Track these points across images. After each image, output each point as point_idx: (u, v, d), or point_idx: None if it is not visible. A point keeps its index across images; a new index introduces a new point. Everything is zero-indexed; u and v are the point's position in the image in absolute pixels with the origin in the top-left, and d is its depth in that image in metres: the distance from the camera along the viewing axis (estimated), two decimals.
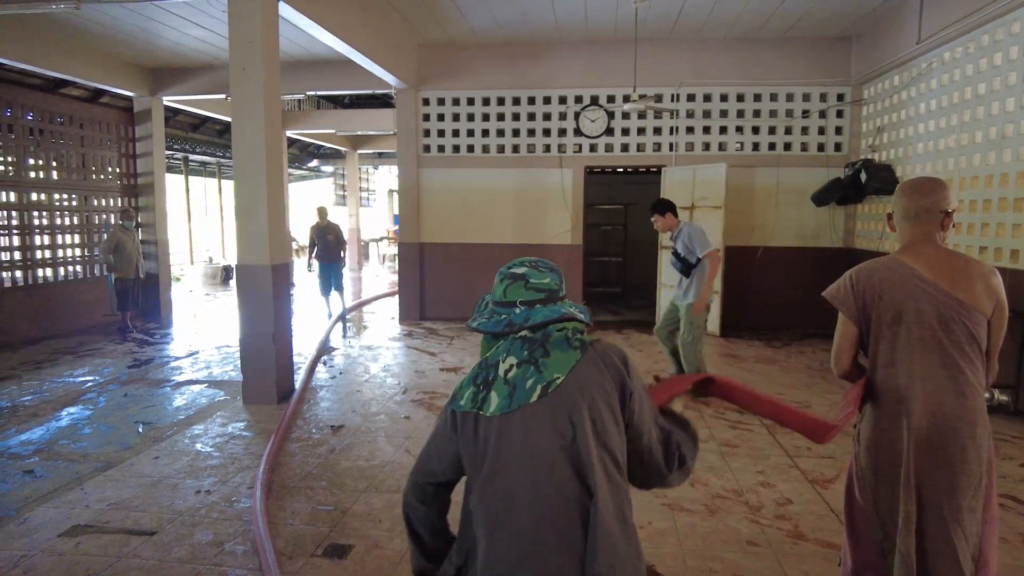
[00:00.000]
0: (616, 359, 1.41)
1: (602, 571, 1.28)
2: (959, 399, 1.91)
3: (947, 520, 1.89)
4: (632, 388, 1.39)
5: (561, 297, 1.47)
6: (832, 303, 2.10)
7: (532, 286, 1.44)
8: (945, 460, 1.90)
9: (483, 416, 1.38)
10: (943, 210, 2.00)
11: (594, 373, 1.36)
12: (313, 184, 21.80)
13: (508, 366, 1.39)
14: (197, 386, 5.90)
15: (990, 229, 5.65)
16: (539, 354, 1.38)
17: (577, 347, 1.39)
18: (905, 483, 1.91)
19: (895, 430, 1.95)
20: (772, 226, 8.51)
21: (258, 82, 5.08)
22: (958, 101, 6.18)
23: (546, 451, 1.33)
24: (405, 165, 9.03)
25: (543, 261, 1.51)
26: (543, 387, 1.34)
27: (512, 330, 1.42)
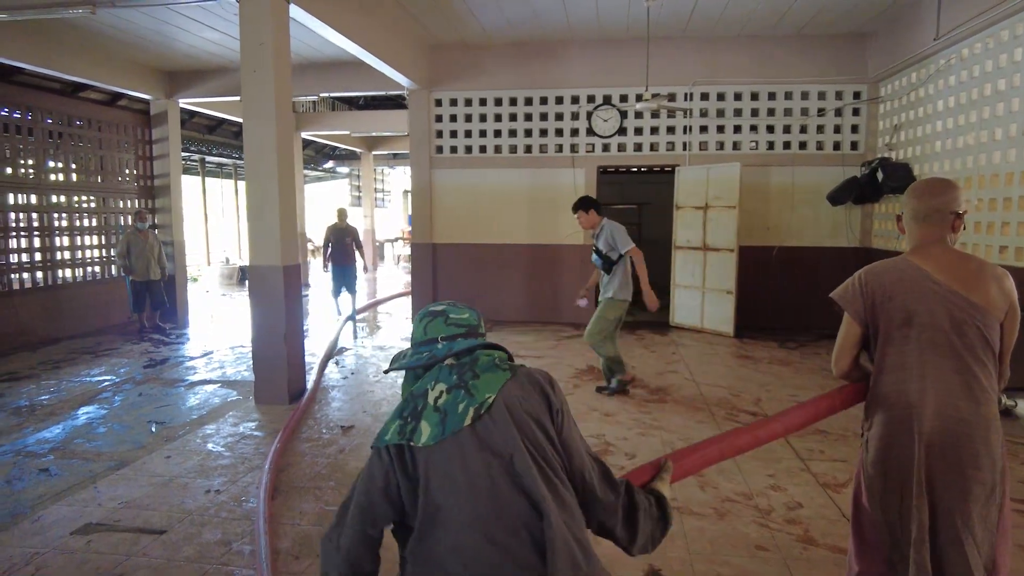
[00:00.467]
0: (541, 378, 1.43)
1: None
2: (972, 404, 1.85)
3: (959, 528, 1.84)
4: (558, 405, 1.40)
5: (481, 334, 1.50)
6: (839, 303, 2.06)
7: (452, 321, 1.47)
8: (957, 467, 1.85)
9: (414, 447, 1.32)
10: (953, 211, 1.96)
11: (523, 391, 1.38)
12: (329, 185, 21.93)
13: (438, 393, 1.37)
14: (210, 386, 5.96)
15: (1010, 228, 5.54)
16: (469, 377, 1.38)
17: (505, 368, 1.41)
18: (918, 491, 1.86)
19: (906, 437, 1.89)
20: (787, 226, 8.42)
21: (269, 83, 5.11)
22: (976, 98, 6.07)
23: (487, 475, 1.29)
24: (418, 166, 9.06)
25: (459, 303, 1.54)
26: (475, 409, 1.32)
27: (436, 361, 1.42)
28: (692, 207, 8.31)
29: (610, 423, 4.76)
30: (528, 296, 9.05)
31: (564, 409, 1.42)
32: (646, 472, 1.68)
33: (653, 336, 8.08)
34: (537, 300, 9.04)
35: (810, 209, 8.34)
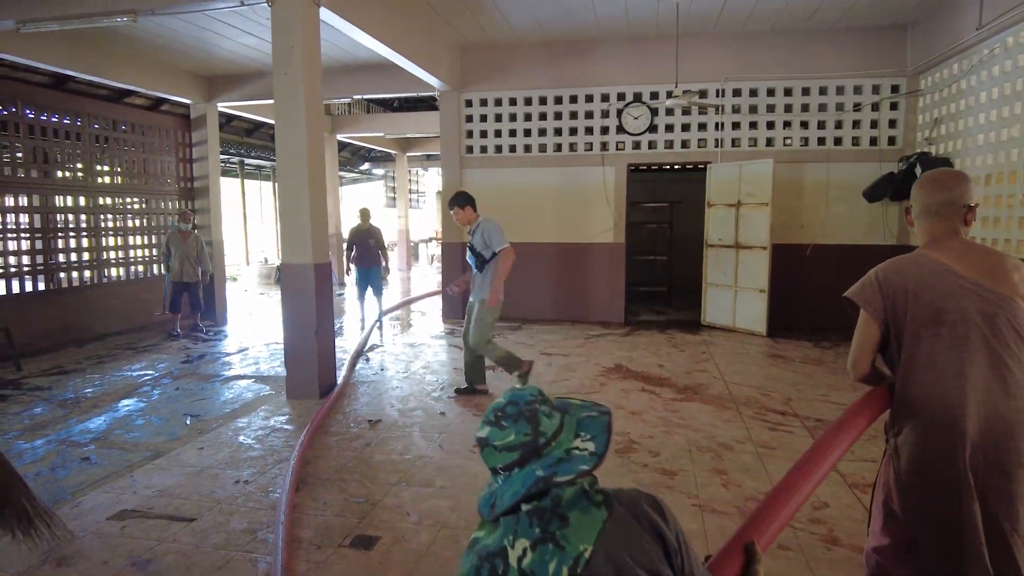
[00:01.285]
0: (649, 510, 1.14)
1: None
2: (1009, 400, 1.78)
3: (1007, 533, 1.77)
4: (675, 544, 1.12)
5: (544, 444, 1.13)
6: (856, 302, 1.98)
7: (501, 447, 1.14)
8: (1001, 468, 1.77)
9: None
10: (966, 204, 1.91)
11: (629, 534, 1.09)
12: (365, 187, 22.25)
13: (520, 552, 1.08)
14: (244, 381, 6.12)
15: None
16: (555, 526, 1.08)
17: (600, 502, 1.11)
18: (968, 497, 1.77)
19: (948, 441, 1.80)
20: (822, 223, 8.24)
21: (299, 85, 5.23)
22: (1021, 88, 5.85)
23: None
24: (448, 166, 9.14)
25: (511, 404, 1.17)
26: (570, 568, 1.04)
27: (495, 516, 1.13)
28: (724, 204, 8.20)
29: (636, 421, 4.73)
30: (557, 295, 9.05)
31: (684, 547, 1.13)
32: (734, 561, 1.33)
33: (684, 335, 8.00)
34: (566, 299, 9.03)
35: (845, 206, 8.15)
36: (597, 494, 1.12)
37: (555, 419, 1.16)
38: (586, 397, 5.31)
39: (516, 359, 5.29)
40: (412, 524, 3.23)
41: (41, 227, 7.90)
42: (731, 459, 3.96)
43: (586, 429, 1.17)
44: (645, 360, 6.64)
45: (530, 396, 1.18)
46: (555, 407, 1.19)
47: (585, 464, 1.10)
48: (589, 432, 1.16)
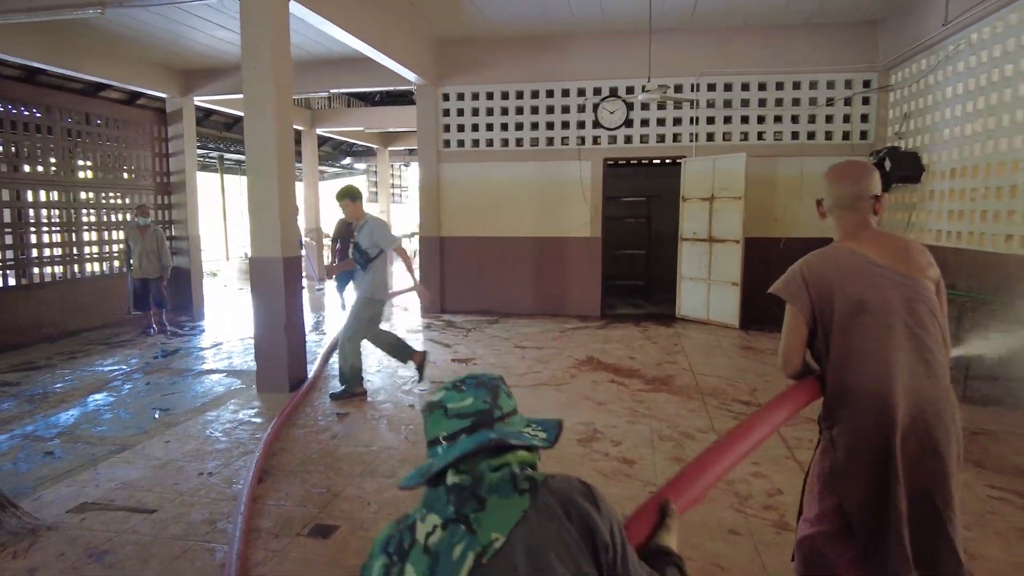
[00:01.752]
0: (581, 499, 1.05)
1: None
2: (933, 381, 1.85)
3: (940, 509, 1.83)
4: (607, 540, 1.03)
5: (499, 418, 1.11)
6: (783, 298, 2.00)
7: (453, 412, 1.10)
8: (933, 449, 1.83)
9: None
10: (873, 195, 1.98)
11: (550, 527, 1.00)
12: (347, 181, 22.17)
13: (430, 527, 1.04)
14: (216, 375, 6.11)
15: (1016, 216, 5.43)
16: (470, 508, 1.02)
17: (525, 489, 1.03)
18: (895, 480, 1.82)
19: (879, 428, 1.84)
20: (795, 217, 8.34)
21: (268, 79, 5.22)
22: (985, 84, 5.95)
23: None
24: (426, 160, 9.15)
25: (471, 377, 1.16)
26: (476, 556, 0.98)
27: (431, 475, 1.08)
28: (698, 199, 8.27)
29: (602, 411, 4.79)
30: (535, 288, 9.09)
31: (618, 541, 1.05)
32: (649, 518, 1.35)
33: (658, 328, 8.07)
34: (544, 292, 9.07)
35: None
36: (524, 481, 1.05)
37: (512, 401, 1.16)
38: (556, 388, 5.37)
39: (360, 378, 5.28)
40: (371, 513, 3.27)
41: (12, 222, 7.82)
42: (692, 448, 4.02)
43: (537, 424, 1.17)
44: (617, 352, 6.70)
45: (493, 376, 1.18)
46: (511, 395, 1.19)
47: (537, 441, 1.10)
48: (541, 427, 1.16)
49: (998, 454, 3.93)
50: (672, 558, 1.24)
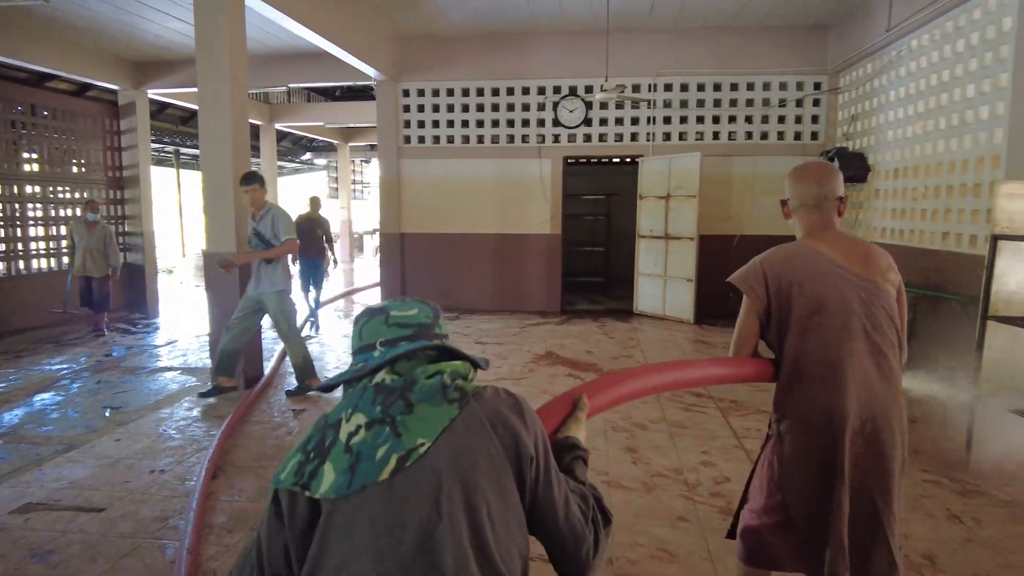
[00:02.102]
0: (508, 412, 1.06)
1: None
2: (886, 384, 1.87)
3: (880, 509, 1.85)
4: (532, 453, 1.04)
5: (438, 335, 1.13)
6: (740, 289, 1.99)
7: (395, 320, 1.09)
8: (878, 451, 1.85)
9: (310, 498, 0.99)
10: (838, 196, 1.98)
11: (476, 438, 1.01)
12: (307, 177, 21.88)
13: (353, 427, 1.01)
14: (171, 373, 6.00)
15: (951, 215, 5.69)
16: (398, 409, 1.01)
17: (455, 399, 1.04)
18: (839, 479, 1.83)
19: (827, 427, 1.85)
20: (748, 215, 8.56)
21: (223, 73, 5.15)
22: (924, 88, 6.21)
23: (401, 552, 0.95)
24: (386, 156, 9.12)
25: (413, 297, 1.18)
26: (400, 458, 0.97)
27: (364, 373, 1.07)
28: (655, 197, 8.42)
29: None
30: (496, 284, 9.14)
31: (541, 454, 1.06)
32: (561, 408, 1.40)
33: (616, 323, 8.21)
34: (504, 289, 9.13)
35: (771, 198, 8.47)
36: (455, 391, 1.05)
37: (447, 330, 1.18)
38: (515, 383, 5.43)
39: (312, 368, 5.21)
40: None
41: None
42: (644, 438, 4.12)
43: None
44: (576, 347, 6.80)
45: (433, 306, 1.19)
46: None
47: (477, 359, 1.14)
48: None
49: (932, 441, 4.13)
50: (578, 451, 1.27)
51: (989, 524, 3.08)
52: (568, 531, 1.07)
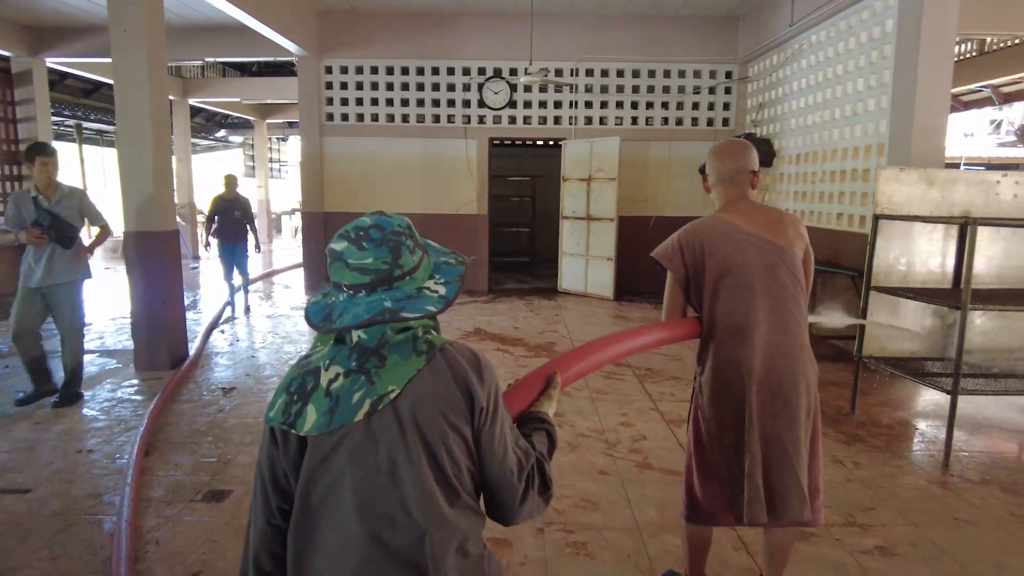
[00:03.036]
0: (467, 367, 1.17)
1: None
2: (789, 337, 2.04)
3: (790, 454, 2.01)
4: (483, 404, 1.16)
5: (399, 276, 1.15)
6: (661, 262, 2.20)
7: (354, 267, 1.14)
8: (783, 398, 2.01)
9: (297, 435, 1.13)
10: (751, 170, 2.20)
11: (438, 386, 1.13)
12: (222, 155, 21.03)
13: (333, 375, 1.13)
14: (88, 356, 5.77)
15: (844, 198, 6.24)
16: (372, 363, 1.13)
17: (423, 351, 1.15)
18: (749, 426, 2.00)
19: (738, 378, 2.03)
20: (664, 197, 9.00)
21: (141, 45, 4.99)
22: (822, 80, 6.74)
23: (372, 481, 1.10)
24: (308, 133, 8.98)
25: (377, 228, 1.16)
26: (373, 402, 1.10)
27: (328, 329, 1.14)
28: (577, 179, 8.72)
29: None
30: None
31: (492, 407, 1.18)
32: (536, 383, 1.53)
33: (541, 301, 8.49)
34: None
35: (685, 182, 8.94)
36: (423, 344, 1.15)
37: (416, 255, 1.18)
38: None
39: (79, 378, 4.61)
40: None
41: None
42: (568, 403, 4.39)
43: (441, 273, 1.21)
44: (503, 323, 7.02)
45: (398, 226, 1.18)
46: (419, 244, 1.21)
47: (432, 305, 1.13)
48: (443, 277, 1.20)
49: (824, 401, 4.60)
50: (546, 424, 1.40)
51: (865, 466, 3.53)
52: (499, 477, 1.19)
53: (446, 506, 1.12)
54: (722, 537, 2.71)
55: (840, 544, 2.75)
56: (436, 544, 1.11)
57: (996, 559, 2.67)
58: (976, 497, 3.21)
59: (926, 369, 4.21)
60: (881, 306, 4.33)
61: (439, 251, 1.28)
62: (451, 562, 1.12)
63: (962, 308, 3.51)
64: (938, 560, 2.65)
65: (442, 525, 1.12)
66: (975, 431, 4.10)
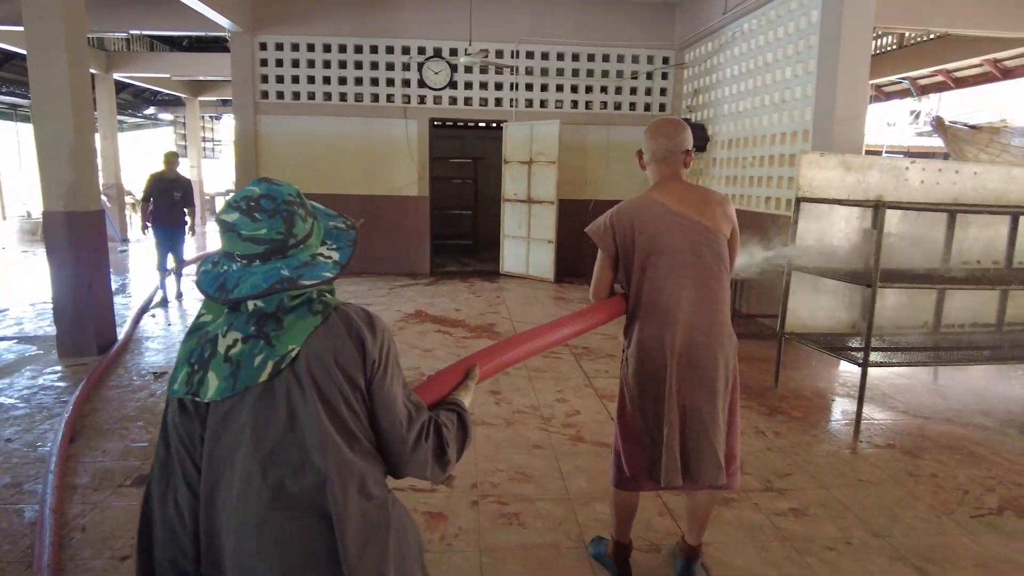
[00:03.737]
0: (361, 323, 1.20)
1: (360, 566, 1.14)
2: (711, 315, 2.13)
3: (707, 423, 2.12)
4: (373, 356, 1.19)
5: (293, 245, 1.17)
6: (593, 239, 2.27)
7: (247, 237, 1.14)
8: (702, 371, 2.12)
9: (201, 403, 1.15)
10: (684, 150, 2.25)
11: (334, 340, 1.16)
12: (150, 133, 20.14)
13: (231, 341, 1.15)
14: (4, 343, 5.53)
15: (772, 182, 6.51)
16: (271, 327, 1.15)
17: (319, 311, 1.17)
18: (669, 396, 2.10)
19: (659, 352, 2.12)
20: (603, 180, 9.16)
21: (56, 10, 4.73)
22: (753, 68, 6.97)
23: (273, 433, 1.13)
24: (242, 111, 8.72)
25: (268, 197, 1.16)
26: (275, 363, 1.12)
27: (222, 300, 1.15)
28: (518, 162, 8.78)
29: (428, 357, 5.11)
30: (362, 247, 8.88)
31: (383, 360, 1.21)
32: (455, 375, 1.58)
33: (483, 283, 8.55)
34: (372, 252, 9.12)
35: (623, 166, 9.12)
36: (319, 305, 1.18)
37: (308, 223, 1.19)
38: None
39: None
40: None
41: None
42: (506, 382, 4.48)
43: (333, 239, 1.24)
44: (444, 305, 7.05)
45: (288, 195, 1.18)
46: (310, 212, 1.22)
47: (328, 272, 1.17)
48: (336, 243, 1.24)
49: (749, 375, 4.83)
50: (458, 408, 1.45)
51: (785, 436, 3.75)
52: (389, 428, 1.22)
53: (347, 450, 1.15)
54: (648, 504, 2.84)
55: (758, 507, 2.93)
56: (338, 487, 1.13)
57: (892, 513, 2.91)
58: (880, 460, 3.46)
59: (842, 344, 4.47)
60: (803, 285, 4.57)
61: (328, 215, 1.30)
62: (354, 505, 1.15)
63: (872, 286, 3.75)
64: (843, 517, 2.86)
65: (343, 469, 1.14)
66: (885, 401, 4.40)
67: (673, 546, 2.55)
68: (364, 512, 1.18)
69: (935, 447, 3.66)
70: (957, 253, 4.68)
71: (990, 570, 2.51)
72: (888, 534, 2.73)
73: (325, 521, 1.13)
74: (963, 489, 3.17)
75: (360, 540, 1.15)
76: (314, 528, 1.14)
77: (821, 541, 2.67)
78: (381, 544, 1.19)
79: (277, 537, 1.12)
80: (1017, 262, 4.78)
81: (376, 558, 1.18)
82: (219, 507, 1.14)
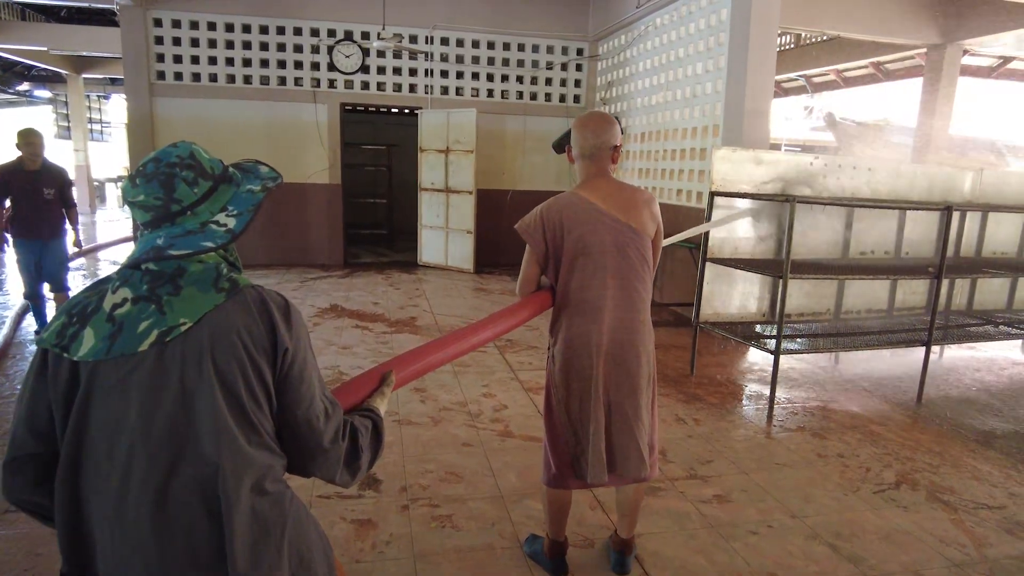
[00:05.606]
0: (275, 307, 1.13)
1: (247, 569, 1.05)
2: (634, 313, 2.18)
3: (630, 418, 2.18)
4: (287, 345, 1.11)
5: (178, 212, 1.10)
6: (523, 236, 2.25)
7: (135, 204, 1.11)
8: (626, 368, 2.17)
9: (69, 360, 1.04)
10: (613, 146, 2.23)
11: (242, 318, 1.08)
12: (24, 112, 18.38)
13: (120, 299, 1.06)
14: None
15: (684, 175, 6.71)
16: (166, 291, 1.06)
17: (225, 288, 1.09)
18: (595, 393, 2.14)
19: (585, 349, 2.15)
20: (519, 171, 9.18)
21: None
22: (665, 62, 7.14)
23: (162, 416, 1.03)
24: (135, 93, 8.07)
25: (153, 161, 1.12)
26: (161, 333, 1.03)
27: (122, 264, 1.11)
28: (435, 150, 8.63)
29: (346, 355, 4.93)
30: (270, 238, 8.67)
31: (295, 350, 1.14)
32: (370, 381, 1.52)
33: (401, 275, 8.37)
34: (281, 242, 8.74)
35: (539, 156, 9.16)
36: (226, 282, 1.10)
37: (199, 188, 1.12)
38: None
39: None
40: None
41: None
42: (431, 379, 4.39)
43: (236, 204, 1.16)
44: (361, 299, 6.84)
45: (175, 158, 1.12)
46: (207, 175, 1.15)
47: (211, 241, 1.09)
48: (237, 208, 1.15)
49: (666, 363, 4.98)
50: (372, 414, 1.38)
51: (704, 422, 3.88)
52: (304, 422, 1.15)
53: (243, 441, 1.06)
54: (580, 499, 2.86)
55: (684, 496, 3.01)
56: (231, 480, 1.04)
57: (805, 494, 3.07)
58: (792, 443, 3.65)
59: (753, 332, 4.68)
60: (717, 275, 4.74)
61: (252, 178, 1.23)
62: (246, 500, 1.06)
63: (783, 277, 3.93)
64: (763, 501, 2.99)
65: (237, 460, 1.05)
66: (795, 385, 4.65)
67: (607, 540, 2.57)
68: (256, 508, 1.08)
69: (839, 428, 3.90)
70: (855, 244, 5.00)
71: (892, 541, 2.70)
72: (804, 515, 2.88)
73: (212, 517, 1.04)
74: (865, 467, 3.39)
75: (250, 539, 1.06)
76: (200, 523, 1.04)
77: (744, 526, 2.77)
78: (274, 544, 1.10)
79: (158, 531, 1.02)
80: (904, 252, 5.17)
81: (268, 559, 1.08)
82: (84, 491, 1.04)
